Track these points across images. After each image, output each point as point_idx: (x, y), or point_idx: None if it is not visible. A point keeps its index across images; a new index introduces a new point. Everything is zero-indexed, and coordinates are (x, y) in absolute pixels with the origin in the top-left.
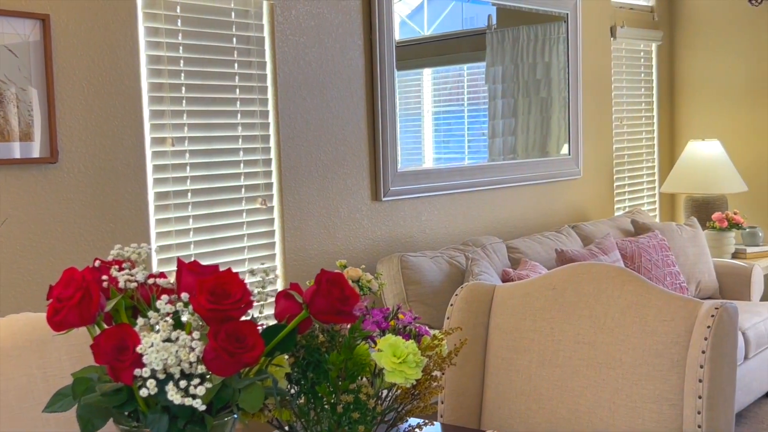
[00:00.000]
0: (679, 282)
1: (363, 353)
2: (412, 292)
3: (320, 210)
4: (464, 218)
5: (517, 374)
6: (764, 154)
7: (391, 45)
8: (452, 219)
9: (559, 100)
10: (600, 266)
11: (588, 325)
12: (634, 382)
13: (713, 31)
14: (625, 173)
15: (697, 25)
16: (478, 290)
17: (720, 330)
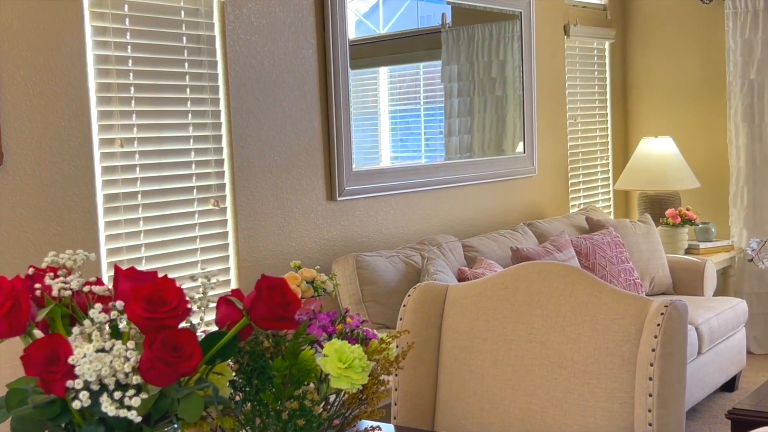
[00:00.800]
0: (633, 278)
1: (308, 359)
2: (367, 292)
3: (274, 210)
4: (421, 217)
5: (470, 374)
6: (716, 151)
7: (344, 44)
8: (409, 218)
9: (514, 98)
10: (551, 265)
11: (540, 324)
12: (586, 380)
13: (665, 29)
14: (580, 171)
15: (650, 23)
16: (431, 291)
17: (669, 328)
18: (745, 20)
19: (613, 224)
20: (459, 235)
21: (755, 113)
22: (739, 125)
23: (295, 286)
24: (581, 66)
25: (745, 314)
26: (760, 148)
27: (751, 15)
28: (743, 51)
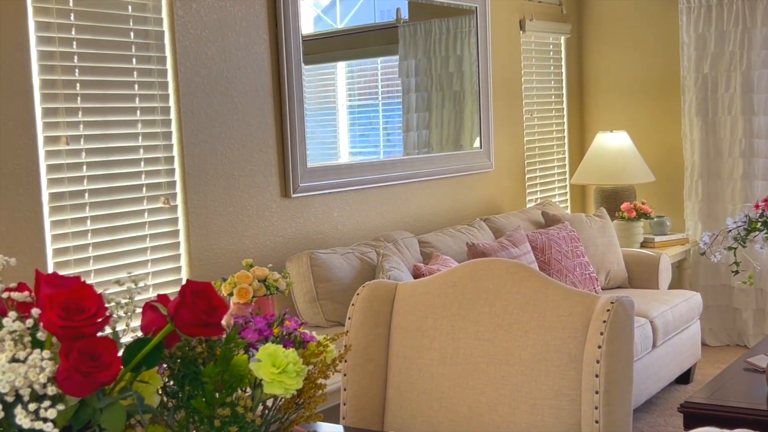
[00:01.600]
0: (588, 272)
1: (241, 364)
2: (322, 289)
3: (227, 208)
4: (377, 213)
5: (418, 373)
6: (670, 145)
7: (297, 39)
8: (365, 214)
9: (471, 93)
10: (499, 262)
11: (488, 322)
12: (533, 378)
13: (620, 24)
14: (537, 165)
15: (605, 18)
16: (380, 289)
17: (615, 324)
18: (698, 15)
19: (568, 219)
20: (416, 230)
21: (709, 107)
22: (693, 119)
23: (247, 284)
24: (537, 61)
25: (699, 307)
26: (714, 141)
27: (704, 9)
28: (697, 45)
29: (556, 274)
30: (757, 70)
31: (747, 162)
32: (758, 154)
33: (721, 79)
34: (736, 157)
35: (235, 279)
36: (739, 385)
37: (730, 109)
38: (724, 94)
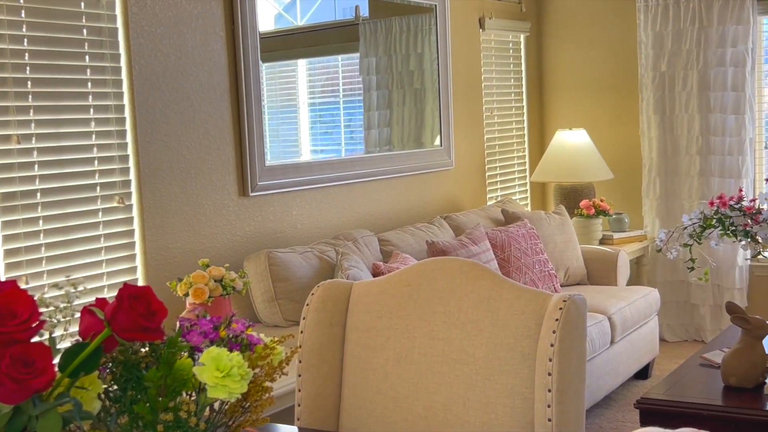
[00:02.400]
0: (547, 269)
1: (184, 368)
2: (280, 289)
3: (183, 207)
4: (338, 212)
5: (373, 373)
6: (629, 142)
7: (255, 36)
8: (325, 213)
9: (432, 91)
10: (454, 261)
11: (442, 321)
12: (487, 377)
13: (579, 23)
14: (497, 163)
15: (564, 16)
16: (335, 289)
17: (568, 323)
18: (656, 13)
19: (528, 216)
20: (377, 229)
21: (666, 105)
22: (651, 117)
23: (203, 284)
24: (497, 59)
25: (657, 303)
26: (672, 139)
27: (661, 8)
28: (654, 44)
29: (515, 272)
30: (713, 68)
31: (704, 159)
32: (715, 151)
33: (678, 77)
34: (693, 154)
35: (190, 279)
36: (695, 380)
37: (687, 106)
38: (681, 92)
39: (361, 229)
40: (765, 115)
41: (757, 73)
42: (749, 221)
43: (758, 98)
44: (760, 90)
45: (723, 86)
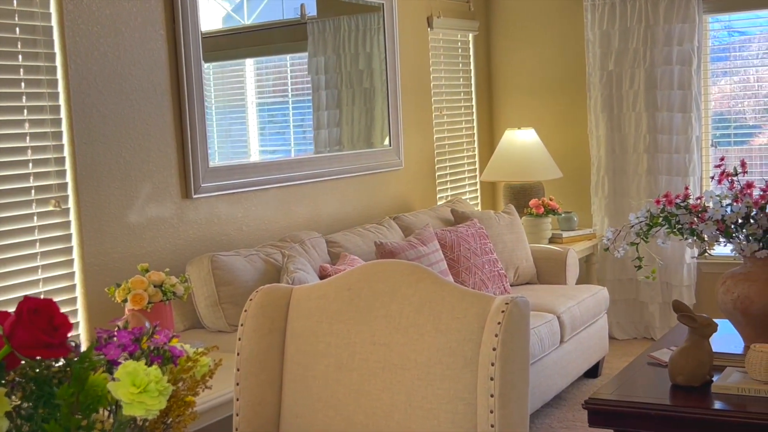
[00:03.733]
0: (497, 269)
1: (99, 384)
2: (224, 293)
3: (123, 210)
4: (286, 213)
5: (314, 380)
6: (576, 141)
7: (196, 35)
8: (273, 215)
9: (381, 91)
10: (395, 264)
11: (383, 326)
12: (429, 382)
13: (527, 21)
14: (447, 163)
15: (512, 15)
16: (274, 294)
17: (510, 326)
18: (603, 12)
19: (477, 216)
20: (326, 230)
21: (614, 104)
22: (599, 116)
23: (142, 290)
24: (446, 58)
25: (606, 301)
26: (620, 138)
27: (608, 7)
28: (602, 43)
29: (464, 272)
30: (660, 67)
31: (651, 157)
32: (662, 149)
33: (626, 75)
34: (640, 152)
35: (129, 285)
36: (643, 379)
37: (634, 105)
38: (629, 90)
39: (308, 230)
40: (711, 113)
41: (703, 71)
42: (695, 219)
43: (704, 96)
44: (707, 88)
45: (670, 85)
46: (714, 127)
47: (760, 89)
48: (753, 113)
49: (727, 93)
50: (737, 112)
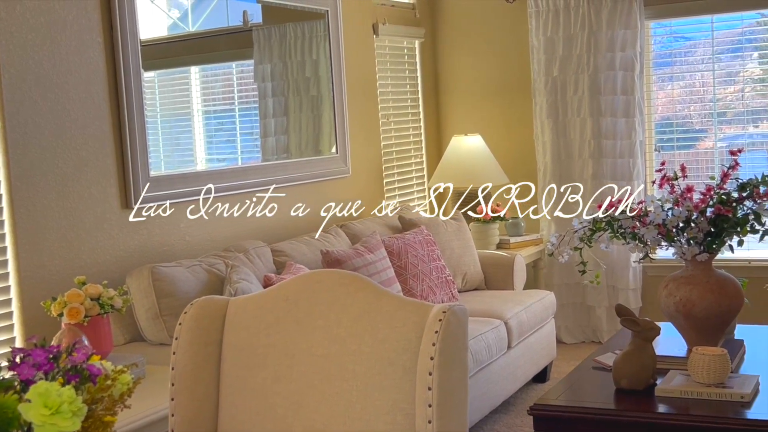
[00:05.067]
0: (444, 276)
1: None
2: (165, 305)
3: (61, 222)
4: (231, 222)
5: (251, 393)
6: (523, 147)
7: (135, 43)
8: (217, 224)
9: (328, 98)
10: (333, 273)
11: (322, 337)
12: (368, 393)
13: (473, 28)
14: (395, 170)
15: (458, 22)
16: (210, 306)
17: (448, 334)
18: (546, 19)
19: (425, 222)
20: (272, 239)
21: (559, 109)
22: (545, 121)
23: (78, 303)
24: (392, 65)
25: (553, 306)
26: (565, 143)
27: (552, 14)
28: (546, 49)
29: (412, 279)
30: (603, 72)
31: (596, 162)
32: (606, 154)
33: (570, 81)
34: (585, 158)
35: (65, 298)
36: (588, 384)
37: (579, 111)
38: (573, 96)
39: (254, 240)
40: (659, 118)
41: (646, 76)
42: (637, 224)
43: (647, 101)
44: (649, 93)
45: (613, 90)
46: (660, 131)
47: (706, 94)
48: (699, 117)
49: (674, 98)
50: (684, 116)
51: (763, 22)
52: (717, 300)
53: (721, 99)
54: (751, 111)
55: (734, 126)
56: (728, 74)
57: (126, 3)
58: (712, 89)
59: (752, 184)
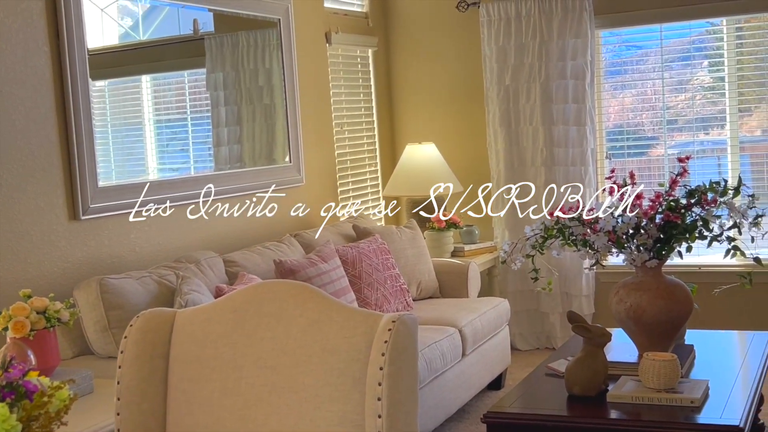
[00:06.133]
0: (399, 284)
1: None
2: (114, 317)
3: (6, 234)
4: (183, 233)
5: (199, 407)
6: (476, 155)
7: (83, 52)
8: (169, 235)
9: (282, 106)
10: (281, 284)
11: (270, 348)
12: (318, 405)
13: (426, 37)
14: (349, 178)
15: (411, 30)
16: (156, 318)
17: (397, 344)
18: (498, 28)
19: (379, 231)
20: (225, 249)
21: (512, 118)
22: (498, 130)
23: (23, 317)
24: (345, 74)
25: (507, 313)
26: (518, 151)
27: (504, 23)
28: (498, 58)
29: (366, 288)
30: (555, 81)
31: (549, 170)
32: (558, 162)
33: (522, 90)
34: (538, 165)
35: (9, 312)
36: (541, 391)
37: (531, 119)
38: (525, 104)
39: (206, 250)
40: (612, 126)
41: (596, 85)
42: (588, 230)
43: (598, 110)
44: (600, 102)
45: (564, 99)
46: (613, 139)
47: (657, 101)
48: (651, 125)
49: (627, 105)
50: (636, 124)
51: (712, 30)
52: (667, 306)
53: (673, 107)
54: (702, 118)
55: (685, 133)
56: (679, 82)
57: (73, 11)
58: (663, 97)
59: (700, 190)
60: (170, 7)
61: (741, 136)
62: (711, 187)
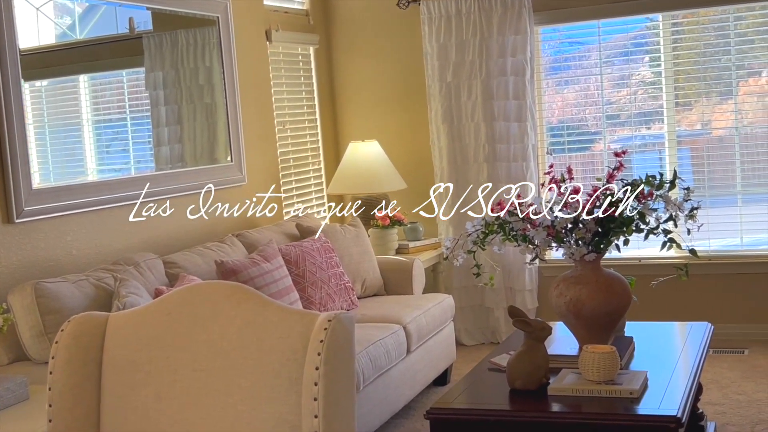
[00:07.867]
0: (343, 282)
1: None
2: (50, 322)
3: None
4: (121, 234)
5: (133, 413)
6: (420, 152)
7: (14, 52)
8: (107, 237)
9: (222, 105)
10: (216, 285)
11: (205, 351)
12: (254, 406)
13: (367, 35)
14: (292, 177)
15: (352, 28)
16: (89, 322)
17: (333, 343)
18: (439, 25)
19: (323, 230)
20: (166, 251)
21: (454, 115)
22: (440, 127)
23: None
24: (287, 72)
25: (452, 309)
26: (460, 147)
27: (444, 20)
28: (439, 55)
29: (311, 287)
30: (495, 78)
31: (491, 166)
32: (501, 158)
33: (464, 87)
34: (480, 162)
35: None
36: (484, 386)
37: (473, 115)
38: (467, 101)
39: (145, 252)
40: (556, 121)
41: (536, 81)
42: (528, 226)
43: (538, 106)
44: (540, 98)
45: (505, 95)
46: (556, 134)
47: (599, 97)
48: (594, 120)
49: (569, 101)
50: (579, 119)
51: (651, 26)
52: (606, 299)
53: (614, 102)
54: (643, 113)
55: (627, 128)
56: (620, 77)
57: (3, 11)
58: (606, 92)
59: (636, 184)
60: (107, 6)
61: (681, 130)
62: (647, 181)
